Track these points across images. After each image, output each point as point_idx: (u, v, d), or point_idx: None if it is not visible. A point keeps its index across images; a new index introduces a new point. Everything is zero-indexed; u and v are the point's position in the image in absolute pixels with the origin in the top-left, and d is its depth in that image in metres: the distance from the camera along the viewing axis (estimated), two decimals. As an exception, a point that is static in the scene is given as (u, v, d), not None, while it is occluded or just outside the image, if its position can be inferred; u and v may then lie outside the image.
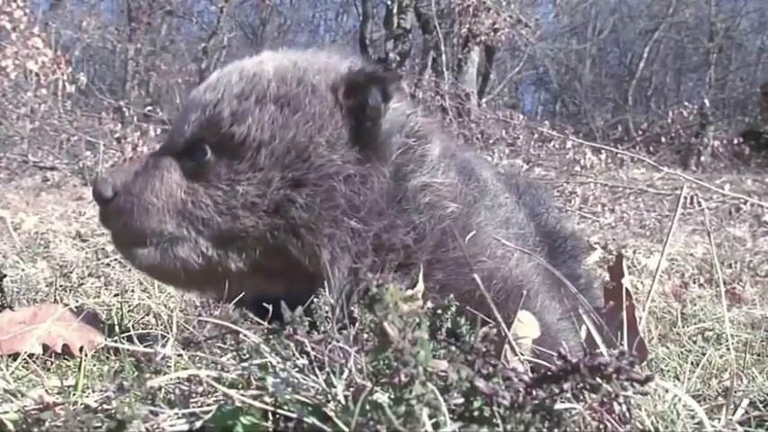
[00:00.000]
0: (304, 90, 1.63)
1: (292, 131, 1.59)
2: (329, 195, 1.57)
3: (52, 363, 1.61)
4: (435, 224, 1.62)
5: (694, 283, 3.32)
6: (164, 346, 1.22)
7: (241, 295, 1.60)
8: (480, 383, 0.90)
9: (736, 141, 12.80)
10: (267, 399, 0.99)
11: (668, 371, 1.82)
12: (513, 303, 1.51)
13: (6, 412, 1.03)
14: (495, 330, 1.11)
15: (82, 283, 2.64)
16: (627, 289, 1.29)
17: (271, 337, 1.09)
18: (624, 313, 1.25)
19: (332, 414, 0.93)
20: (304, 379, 1.00)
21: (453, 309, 1.20)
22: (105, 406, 1.01)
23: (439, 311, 1.21)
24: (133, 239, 1.63)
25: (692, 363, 1.82)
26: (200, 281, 1.69)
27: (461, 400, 0.92)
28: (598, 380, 0.92)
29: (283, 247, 1.58)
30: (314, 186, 1.57)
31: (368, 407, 0.87)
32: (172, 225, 1.60)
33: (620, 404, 0.98)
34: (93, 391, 1.22)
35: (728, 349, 1.69)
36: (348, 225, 1.57)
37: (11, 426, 0.99)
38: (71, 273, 2.86)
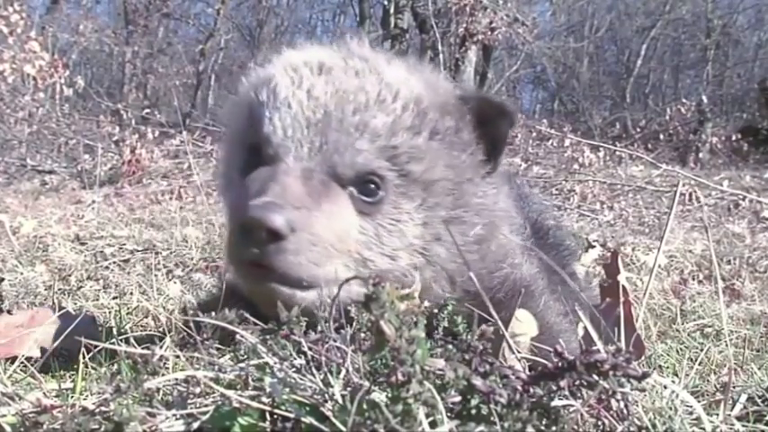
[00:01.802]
0: (455, 123, 1.54)
1: (454, 170, 1.51)
2: (468, 230, 1.52)
3: (50, 366, 1.61)
4: (493, 249, 1.60)
5: (693, 279, 3.33)
6: (161, 347, 1.22)
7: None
8: (477, 381, 0.90)
9: (734, 138, 12.77)
10: (265, 399, 0.99)
11: (667, 367, 1.82)
12: (516, 302, 1.52)
13: (4, 415, 1.03)
14: (492, 328, 1.11)
15: (80, 287, 2.64)
16: (623, 286, 1.29)
17: (268, 337, 1.09)
18: (621, 310, 1.25)
19: (329, 414, 0.93)
20: (301, 379, 1.00)
21: (449, 307, 1.20)
22: (103, 408, 1.01)
23: (435, 310, 1.21)
24: (302, 283, 1.39)
25: (690, 359, 1.82)
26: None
27: (458, 399, 0.92)
28: (595, 377, 0.92)
29: (402, 281, 1.47)
30: (460, 224, 1.51)
31: (365, 406, 0.87)
32: (342, 268, 1.42)
33: (617, 401, 0.98)
34: (91, 394, 1.22)
35: (727, 345, 1.69)
36: (465, 258, 1.50)
37: (9, 429, 0.99)
38: (70, 276, 2.86)
